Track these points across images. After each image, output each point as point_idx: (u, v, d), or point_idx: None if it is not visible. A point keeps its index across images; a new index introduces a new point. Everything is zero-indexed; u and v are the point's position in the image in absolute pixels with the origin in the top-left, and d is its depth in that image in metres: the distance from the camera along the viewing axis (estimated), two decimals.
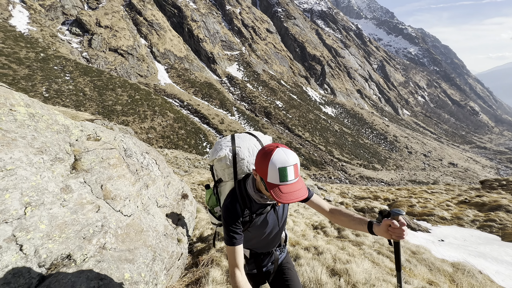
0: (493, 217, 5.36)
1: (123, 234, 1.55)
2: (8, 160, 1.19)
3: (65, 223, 1.32)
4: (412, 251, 3.15)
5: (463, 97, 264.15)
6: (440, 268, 2.60)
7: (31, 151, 1.34)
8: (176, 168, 24.16)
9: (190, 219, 2.97)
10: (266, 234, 1.51)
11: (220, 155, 1.54)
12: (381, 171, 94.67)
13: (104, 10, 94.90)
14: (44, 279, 1.12)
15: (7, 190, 1.12)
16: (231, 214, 1.36)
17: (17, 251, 1.08)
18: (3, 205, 1.08)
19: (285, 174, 1.18)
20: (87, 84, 62.38)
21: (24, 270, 1.08)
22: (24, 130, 1.37)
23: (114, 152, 1.97)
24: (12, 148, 1.25)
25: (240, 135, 1.67)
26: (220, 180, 1.62)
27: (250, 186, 1.40)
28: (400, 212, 1.16)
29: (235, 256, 1.30)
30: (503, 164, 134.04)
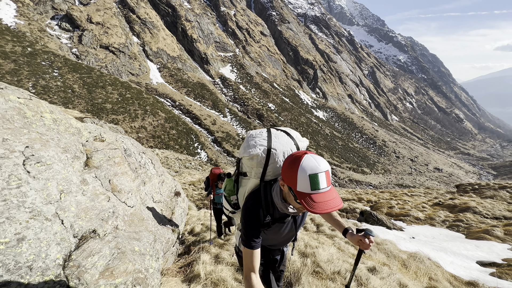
0: (461, 218, 5.86)
1: (129, 220, 1.80)
2: (47, 156, 1.48)
3: (87, 208, 1.62)
4: (377, 242, 3.54)
5: (449, 104, 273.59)
6: (397, 255, 2.99)
7: (59, 150, 1.61)
8: (166, 168, 24.12)
9: (182, 215, 3.24)
10: (281, 238, 1.53)
11: (252, 153, 1.44)
12: (369, 174, 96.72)
13: (96, 6, 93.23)
14: (79, 246, 1.38)
15: (48, 180, 1.41)
16: (252, 219, 1.34)
17: (60, 224, 1.33)
18: (47, 190, 1.37)
19: (317, 181, 1.11)
20: (76, 81, 61.07)
21: (66, 237, 1.33)
22: (52, 133, 1.60)
23: (118, 151, 2.24)
24: (48, 148, 1.51)
25: (277, 133, 1.55)
26: (245, 174, 1.56)
27: (276, 193, 1.36)
28: (372, 234, 1.39)
29: (252, 259, 1.28)
30: (485, 170, 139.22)
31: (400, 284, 1.95)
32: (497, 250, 3.91)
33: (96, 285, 1.26)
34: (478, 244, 4.23)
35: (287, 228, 1.47)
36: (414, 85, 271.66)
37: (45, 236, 1.22)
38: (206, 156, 58.40)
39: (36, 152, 1.41)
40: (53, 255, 1.22)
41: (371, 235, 1.38)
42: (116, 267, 1.41)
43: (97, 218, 1.60)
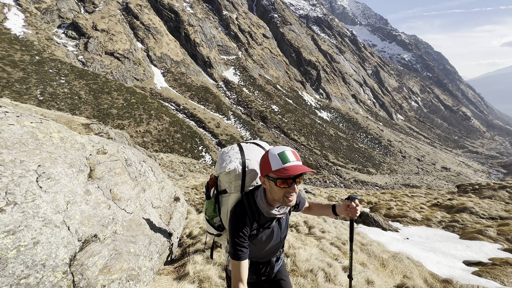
0: (457, 218, 5.93)
1: (127, 226, 2.03)
2: (56, 172, 1.73)
3: (90, 215, 1.87)
4: (363, 243, 3.68)
5: (456, 102, 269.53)
6: (378, 256, 3.13)
7: (66, 166, 1.88)
8: (171, 172, 24.51)
9: (181, 219, 3.46)
10: (268, 246, 1.55)
11: (230, 168, 1.50)
12: (375, 175, 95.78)
13: (101, 13, 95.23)
14: (82, 248, 1.64)
15: (57, 193, 1.65)
16: (240, 228, 1.38)
17: (66, 230, 1.58)
18: (56, 201, 1.62)
19: (286, 156, 1.26)
20: (83, 87, 62.38)
21: (72, 241, 1.58)
22: (59, 151, 1.84)
23: (118, 163, 2.47)
24: (56, 164, 1.78)
25: (248, 146, 1.66)
26: (224, 191, 1.61)
27: (261, 198, 1.42)
28: (356, 197, 1.52)
29: (240, 270, 1.32)
30: (495, 168, 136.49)
31: (368, 281, 2.12)
32: (487, 250, 4.00)
33: (96, 280, 1.51)
34: (469, 244, 4.33)
35: (274, 233, 1.52)
36: (419, 84, 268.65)
37: (55, 240, 1.49)
38: (210, 159, 58.83)
39: (46, 169, 1.63)
40: (61, 255, 1.48)
41: (355, 198, 1.52)
42: (113, 265, 1.64)
43: (98, 224, 1.83)
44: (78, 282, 1.45)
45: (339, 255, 2.92)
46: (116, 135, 25.24)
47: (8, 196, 1.34)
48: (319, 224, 4.71)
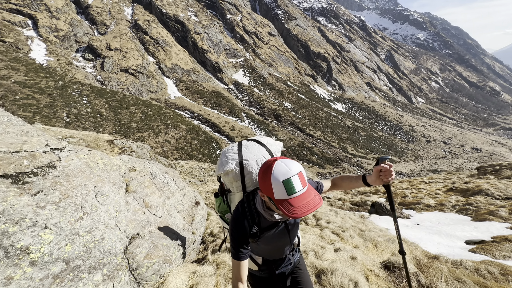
0: (471, 201, 5.94)
1: (159, 226, 2.58)
2: (105, 190, 2.32)
3: (132, 220, 2.45)
4: (361, 229, 3.96)
5: (481, 78, 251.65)
6: (373, 239, 3.42)
7: (111, 184, 2.46)
8: (192, 178, 25.55)
9: (202, 220, 3.97)
10: (277, 246, 1.50)
11: (226, 169, 1.49)
12: (399, 163, 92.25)
13: (113, 33, 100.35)
14: (130, 243, 2.21)
15: (109, 204, 2.24)
16: (238, 230, 1.35)
17: (118, 230, 2.14)
18: (108, 211, 2.20)
19: (291, 185, 1.12)
20: (103, 105, 66.20)
21: (123, 238, 2.14)
22: (104, 173, 2.39)
23: (146, 177, 3.02)
24: (104, 184, 2.37)
25: (248, 144, 1.60)
26: (229, 190, 1.61)
27: (259, 203, 1.37)
28: (386, 157, 1.36)
29: (239, 270, 1.31)
30: None
31: (351, 257, 2.44)
32: (493, 229, 4.11)
33: (142, 262, 2.10)
34: (477, 225, 4.44)
35: (279, 235, 1.46)
36: (438, 63, 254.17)
37: (113, 237, 2.02)
38: None
39: (100, 188, 2.20)
40: (118, 247, 2.03)
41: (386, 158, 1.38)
42: (153, 253, 2.20)
43: (138, 226, 2.40)
44: (132, 264, 2.01)
45: (336, 240, 3.25)
46: (138, 147, 26.78)
47: (82, 209, 1.89)
48: (327, 216, 5.03)
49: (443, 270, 2.12)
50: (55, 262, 1.47)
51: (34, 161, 1.71)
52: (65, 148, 2.09)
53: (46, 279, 1.39)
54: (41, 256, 1.43)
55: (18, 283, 1.27)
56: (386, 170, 1.35)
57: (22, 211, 1.45)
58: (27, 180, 1.62)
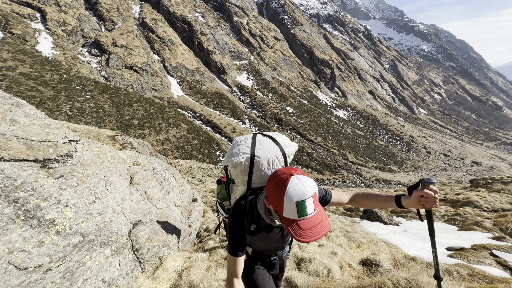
0: (460, 212, 6.14)
1: (159, 217, 2.84)
2: (113, 180, 2.59)
3: (135, 208, 2.71)
4: (347, 231, 4.18)
5: (484, 92, 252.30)
6: (357, 239, 3.62)
7: (117, 175, 2.73)
8: (190, 177, 25.75)
9: (198, 216, 4.18)
10: (270, 245, 1.51)
11: (235, 162, 1.43)
12: (398, 173, 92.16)
13: (120, 30, 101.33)
14: (134, 227, 2.45)
15: (116, 193, 2.50)
16: (237, 227, 1.33)
17: (123, 215, 2.40)
18: (115, 198, 2.47)
19: (304, 208, 1.04)
20: (106, 101, 66.66)
21: (127, 222, 2.39)
22: (112, 165, 2.62)
23: (149, 172, 3.25)
24: (112, 174, 2.64)
25: (262, 139, 1.49)
26: (233, 181, 1.57)
27: (261, 206, 1.33)
28: (432, 181, 1.17)
29: (235, 266, 1.29)
30: None
31: (332, 252, 2.64)
32: (475, 238, 4.31)
33: (144, 244, 2.39)
34: (461, 234, 4.63)
35: (275, 237, 1.46)
36: (442, 75, 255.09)
37: (119, 221, 2.30)
38: None
39: (108, 178, 2.46)
40: (123, 229, 2.32)
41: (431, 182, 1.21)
42: (153, 238, 2.47)
43: (141, 214, 2.65)
44: (135, 245, 2.30)
45: (322, 238, 3.49)
46: (139, 144, 27.03)
47: (95, 194, 2.16)
48: None
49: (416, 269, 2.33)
50: (74, 234, 1.74)
51: (57, 150, 1.94)
52: (80, 141, 2.32)
53: (68, 247, 1.66)
54: (63, 228, 1.70)
55: (48, 247, 1.52)
56: (430, 196, 1.17)
57: (49, 191, 1.71)
58: (51, 166, 1.84)
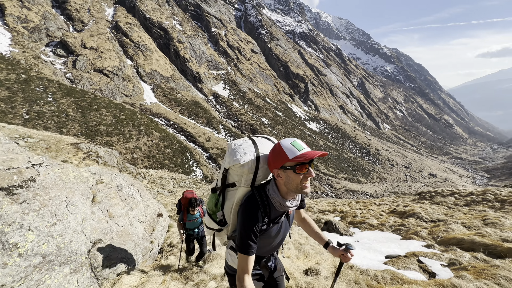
0: (405, 222, 6.94)
1: (120, 234, 2.89)
2: (75, 201, 2.69)
3: (96, 227, 2.83)
4: (300, 243, 4.60)
5: (438, 111, 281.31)
6: (307, 251, 4.06)
7: (80, 195, 2.84)
8: (161, 188, 24.89)
9: (162, 231, 4.28)
10: (274, 241, 1.57)
11: (245, 160, 1.48)
12: (365, 184, 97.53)
13: (90, 32, 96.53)
14: (93, 246, 2.53)
15: (77, 213, 2.61)
16: (252, 222, 1.38)
17: (84, 235, 2.49)
18: (77, 219, 2.57)
19: (299, 144, 1.35)
20: (70, 105, 62.22)
21: (87, 242, 2.48)
22: (74, 186, 2.69)
23: (112, 189, 3.34)
24: (74, 195, 2.74)
25: (260, 139, 1.63)
26: (233, 184, 1.57)
27: (273, 190, 1.44)
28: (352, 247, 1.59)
29: (247, 263, 1.35)
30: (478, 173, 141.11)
31: None
32: (411, 247, 4.98)
33: (102, 262, 2.50)
34: (401, 243, 5.30)
35: (282, 228, 1.57)
36: (403, 94, 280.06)
37: (79, 240, 2.42)
38: (201, 174, 59.00)
39: (70, 199, 2.57)
40: (83, 249, 2.43)
41: (351, 249, 1.60)
42: (112, 255, 2.62)
43: (101, 233, 2.74)
44: (93, 263, 2.43)
45: None
46: (105, 153, 25.61)
47: (56, 216, 2.27)
48: None
49: (350, 276, 2.73)
50: (35, 256, 1.83)
51: (21, 176, 2.03)
52: (43, 164, 2.40)
53: (29, 267, 1.77)
54: (25, 250, 1.81)
55: (10, 268, 1.60)
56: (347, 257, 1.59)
57: (13, 216, 1.80)
58: (15, 192, 1.93)
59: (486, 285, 2.64)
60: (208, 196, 2.14)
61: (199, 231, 4.11)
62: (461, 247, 4.59)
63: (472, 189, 10.12)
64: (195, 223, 4.02)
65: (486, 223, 5.84)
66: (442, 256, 4.15)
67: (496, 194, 8.46)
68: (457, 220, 6.29)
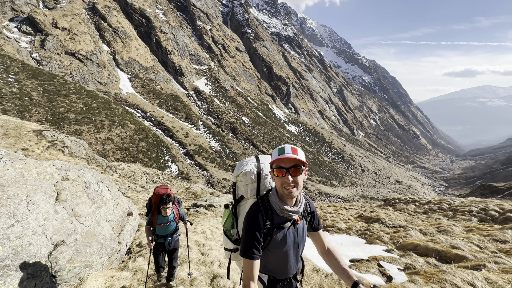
0: (370, 227, 7.41)
1: (85, 235, 2.76)
2: (36, 199, 2.52)
3: (59, 228, 2.67)
4: None
5: (407, 122, 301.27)
6: None
7: (42, 193, 2.66)
8: (132, 183, 23.81)
9: (132, 231, 4.13)
10: (285, 255, 1.52)
11: (246, 169, 1.65)
12: (338, 187, 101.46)
13: (63, 11, 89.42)
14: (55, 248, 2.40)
15: (38, 213, 2.45)
16: (253, 224, 1.42)
17: (45, 237, 2.34)
18: (37, 219, 2.42)
19: (283, 150, 1.40)
20: (35, 87, 57.21)
21: (48, 244, 2.34)
22: (37, 183, 2.52)
23: (79, 187, 3.17)
24: (36, 193, 2.57)
25: (263, 156, 1.80)
26: (242, 197, 1.69)
27: (273, 194, 1.50)
28: None
29: (252, 269, 1.34)
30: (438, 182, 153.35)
31: None
32: (374, 251, 5.34)
33: (64, 266, 2.38)
34: (365, 247, 5.66)
35: (289, 237, 1.50)
36: (377, 104, 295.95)
37: (39, 243, 2.28)
38: (177, 170, 57.45)
39: (31, 198, 2.39)
40: (43, 251, 2.29)
41: None
42: (75, 258, 2.49)
43: (64, 234, 2.60)
44: (54, 267, 2.29)
45: None
46: (73, 143, 23.94)
47: (14, 217, 2.12)
48: None
49: (315, 279, 2.88)
50: None
51: None
52: (1, 159, 2.21)
53: None
54: None
55: None
56: None
57: None
58: None
59: None
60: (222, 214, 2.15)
61: (172, 240, 3.36)
62: (417, 252, 5.02)
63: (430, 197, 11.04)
64: (168, 229, 3.27)
65: (440, 230, 6.43)
66: (400, 260, 4.51)
67: (450, 204, 9.33)
68: (415, 227, 6.85)
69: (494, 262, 3.85)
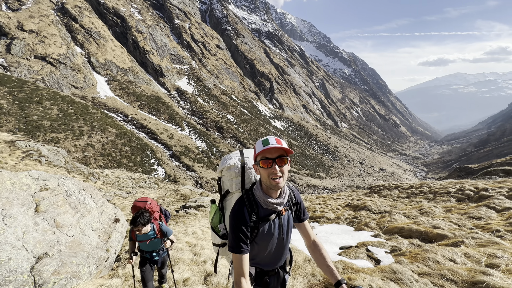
0: (357, 215, 7.68)
1: (69, 245, 2.64)
2: (13, 212, 2.40)
3: (40, 240, 2.54)
4: None
5: (387, 112, 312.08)
6: None
7: (19, 206, 2.54)
8: (118, 189, 23.08)
9: (120, 238, 4.01)
10: (271, 246, 1.54)
11: (230, 163, 1.65)
12: (325, 179, 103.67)
13: (29, 12, 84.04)
14: (38, 262, 2.30)
15: (16, 226, 2.34)
16: (239, 218, 1.42)
17: (25, 250, 2.24)
18: (16, 233, 2.31)
19: (267, 141, 1.40)
20: (4, 95, 53.66)
21: (30, 257, 2.23)
22: (13, 195, 2.38)
23: (60, 196, 3.03)
24: (13, 206, 2.45)
25: (247, 150, 1.79)
26: (227, 192, 1.70)
27: (257, 187, 1.50)
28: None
29: (241, 264, 1.34)
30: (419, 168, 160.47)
31: None
32: (362, 237, 5.56)
33: (49, 278, 2.27)
34: (353, 234, 5.87)
35: (275, 228, 1.52)
36: (359, 95, 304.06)
37: (19, 257, 2.18)
38: (164, 172, 56.25)
39: (7, 211, 2.27)
40: (24, 266, 2.19)
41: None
42: (61, 270, 2.38)
43: (47, 246, 2.48)
44: (38, 280, 2.17)
45: None
46: (50, 152, 22.77)
47: None
48: None
49: (307, 269, 2.96)
50: None
51: None
52: None
53: None
54: None
55: None
56: None
57: None
58: None
59: (418, 267, 3.11)
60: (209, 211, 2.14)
61: (159, 257, 2.99)
62: (402, 234, 5.28)
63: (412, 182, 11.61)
64: (152, 245, 2.88)
65: (422, 213, 6.78)
66: (386, 244, 4.71)
67: (430, 187, 9.83)
68: (399, 211, 7.17)
69: (471, 237, 4.13)
